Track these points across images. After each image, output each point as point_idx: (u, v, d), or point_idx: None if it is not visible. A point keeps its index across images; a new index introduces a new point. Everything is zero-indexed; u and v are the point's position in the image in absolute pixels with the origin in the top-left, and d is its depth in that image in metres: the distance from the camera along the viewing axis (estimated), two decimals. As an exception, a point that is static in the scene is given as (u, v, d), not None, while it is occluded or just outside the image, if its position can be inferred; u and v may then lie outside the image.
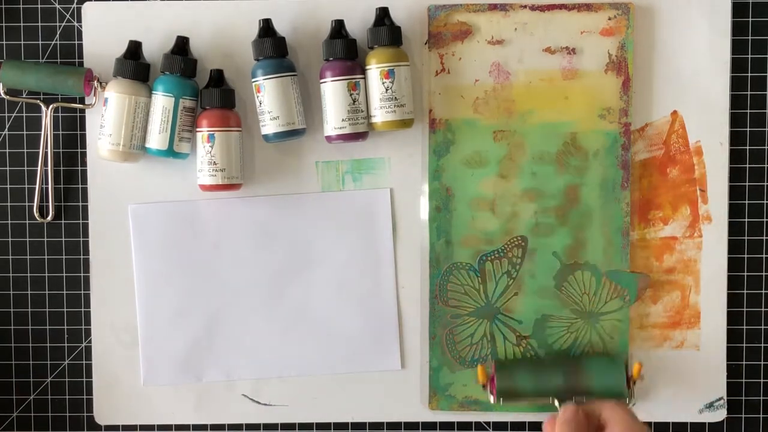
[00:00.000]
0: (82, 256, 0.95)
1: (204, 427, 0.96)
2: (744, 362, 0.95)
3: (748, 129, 0.94)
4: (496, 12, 0.92)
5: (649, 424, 0.95)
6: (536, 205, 0.93)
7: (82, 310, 0.95)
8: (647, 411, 0.94)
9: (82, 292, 0.95)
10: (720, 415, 0.95)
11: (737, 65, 0.94)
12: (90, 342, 0.95)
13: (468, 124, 0.93)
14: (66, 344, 0.96)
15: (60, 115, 0.94)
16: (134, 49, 0.91)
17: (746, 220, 0.94)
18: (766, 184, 0.94)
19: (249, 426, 0.96)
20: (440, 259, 0.94)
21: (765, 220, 0.94)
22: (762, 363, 0.95)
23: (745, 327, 0.95)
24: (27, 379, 0.96)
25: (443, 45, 0.93)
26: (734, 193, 0.94)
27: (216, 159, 0.90)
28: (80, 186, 0.95)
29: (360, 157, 0.94)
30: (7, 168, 0.95)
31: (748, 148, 0.94)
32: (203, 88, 0.91)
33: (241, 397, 0.95)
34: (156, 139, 0.90)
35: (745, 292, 0.95)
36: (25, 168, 0.95)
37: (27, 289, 0.96)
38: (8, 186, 0.95)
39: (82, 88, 0.91)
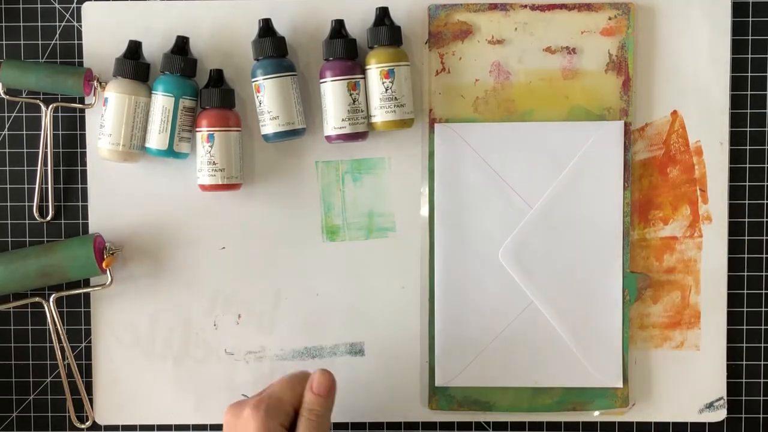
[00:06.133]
0: (82, 256, 0.95)
1: (204, 427, 0.96)
2: (744, 362, 0.95)
3: (748, 129, 0.94)
4: (496, 12, 0.92)
5: (649, 424, 0.95)
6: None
7: (82, 310, 0.95)
8: (647, 411, 0.94)
9: (82, 291, 0.95)
10: (720, 415, 0.95)
11: (737, 65, 0.94)
12: (90, 342, 0.95)
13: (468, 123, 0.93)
14: (66, 344, 0.95)
15: (60, 115, 0.94)
16: (134, 48, 0.91)
17: (746, 220, 0.94)
18: (766, 184, 0.94)
19: (249, 426, 0.95)
20: (440, 259, 0.94)
21: (765, 220, 0.94)
22: (762, 363, 0.95)
23: (745, 327, 0.95)
24: (27, 379, 0.96)
25: (443, 44, 0.93)
26: (734, 193, 0.94)
27: (216, 159, 0.90)
28: (80, 186, 0.95)
29: (360, 157, 0.94)
30: (7, 168, 0.95)
31: (748, 148, 0.94)
32: (203, 87, 0.91)
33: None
34: (156, 139, 0.90)
35: (745, 292, 0.95)
36: (25, 168, 0.95)
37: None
38: (8, 186, 0.95)
39: (82, 87, 0.91)
